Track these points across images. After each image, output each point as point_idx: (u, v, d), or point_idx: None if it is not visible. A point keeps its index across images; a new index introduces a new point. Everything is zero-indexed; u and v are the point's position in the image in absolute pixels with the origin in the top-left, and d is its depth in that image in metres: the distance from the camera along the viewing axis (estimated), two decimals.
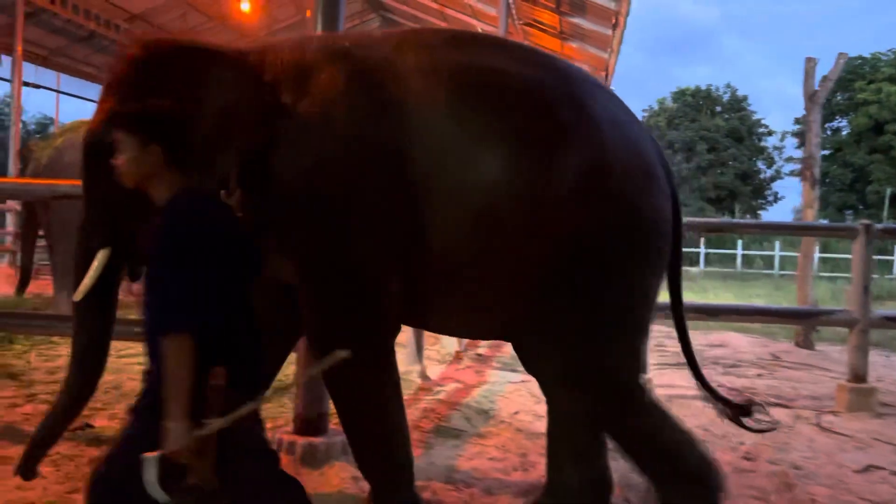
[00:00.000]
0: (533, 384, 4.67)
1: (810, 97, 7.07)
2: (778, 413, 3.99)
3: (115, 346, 2.27)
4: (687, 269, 18.98)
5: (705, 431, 3.56)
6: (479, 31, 13.23)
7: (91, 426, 3.25)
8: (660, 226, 2.07)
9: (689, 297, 3.48)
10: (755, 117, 33.96)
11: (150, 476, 1.60)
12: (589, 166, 1.97)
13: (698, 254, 20.29)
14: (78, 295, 2.04)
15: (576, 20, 9.87)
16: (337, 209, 1.96)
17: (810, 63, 6.95)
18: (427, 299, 2.10)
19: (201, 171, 1.83)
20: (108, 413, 3.49)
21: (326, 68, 2.02)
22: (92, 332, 2.08)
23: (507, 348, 5.15)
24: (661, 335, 6.27)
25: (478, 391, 4.50)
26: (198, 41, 2.10)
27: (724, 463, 2.58)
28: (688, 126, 32.37)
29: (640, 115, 23.52)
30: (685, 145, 31.71)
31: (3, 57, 11.50)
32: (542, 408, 4.12)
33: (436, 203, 1.95)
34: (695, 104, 33.59)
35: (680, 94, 34.27)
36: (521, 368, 2.40)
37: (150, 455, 1.60)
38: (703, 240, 18.99)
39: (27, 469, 2.05)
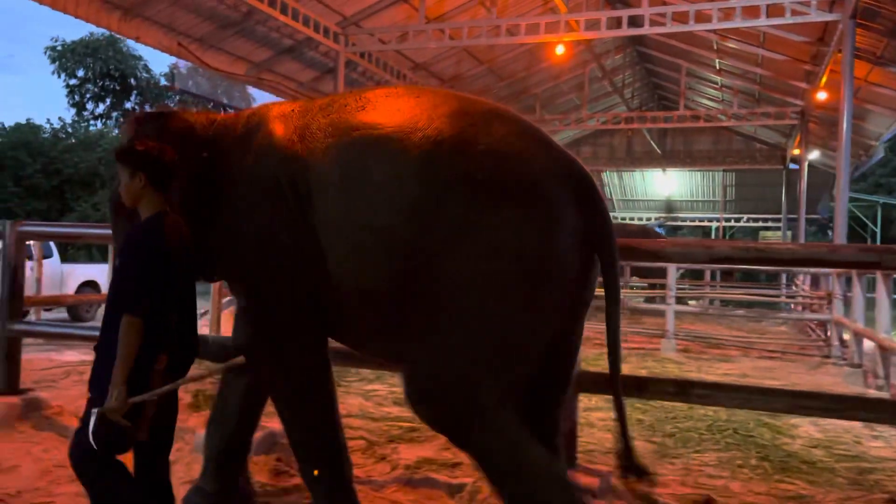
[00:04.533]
0: None
1: None
2: None
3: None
4: None
5: None
6: (760, 58, 12.61)
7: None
8: (542, 257, 2.09)
9: None
10: None
11: (89, 426, 2.15)
12: (452, 196, 2.10)
13: None
14: None
15: None
16: (251, 244, 2.46)
17: None
18: (339, 322, 2.44)
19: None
20: None
21: (265, 128, 2.50)
22: None
23: None
24: None
25: None
26: (173, 112, 2.72)
27: None
28: None
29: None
30: None
31: None
32: None
33: (330, 237, 2.30)
34: None
35: None
36: None
37: (95, 410, 2.14)
38: None
39: None
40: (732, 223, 22.63)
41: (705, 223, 23.27)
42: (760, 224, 22.25)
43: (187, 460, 3.47)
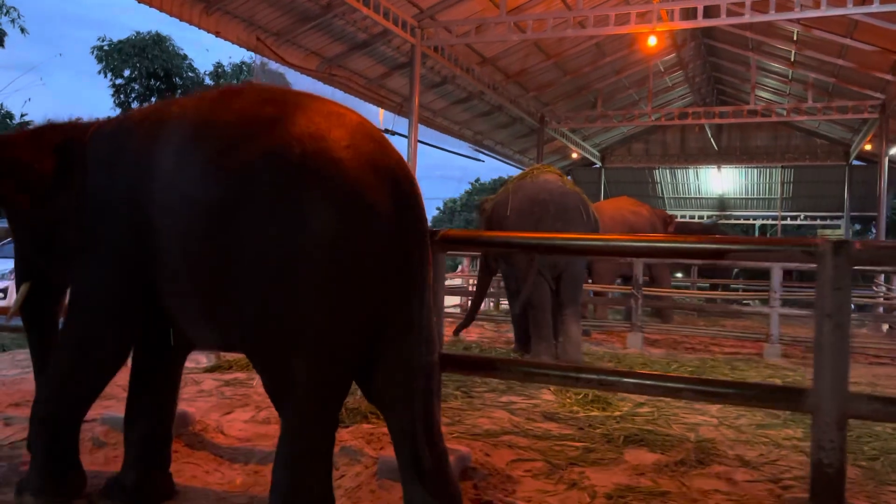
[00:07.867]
0: None
1: None
2: None
3: None
4: None
5: None
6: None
7: None
8: (351, 249, 2.21)
9: None
10: None
11: None
12: (259, 182, 2.23)
13: None
14: (9, 317, 2.94)
15: None
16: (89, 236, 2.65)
17: None
18: (172, 309, 2.57)
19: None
20: None
21: (120, 134, 2.66)
22: (33, 341, 2.95)
23: None
24: None
25: None
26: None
27: None
28: None
29: None
30: None
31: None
32: None
33: (159, 226, 2.45)
34: None
35: None
36: None
37: None
38: None
39: None
40: (789, 221, 21.94)
41: (760, 221, 22.61)
42: (819, 223, 21.57)
43: (371, 487, 3.15)
